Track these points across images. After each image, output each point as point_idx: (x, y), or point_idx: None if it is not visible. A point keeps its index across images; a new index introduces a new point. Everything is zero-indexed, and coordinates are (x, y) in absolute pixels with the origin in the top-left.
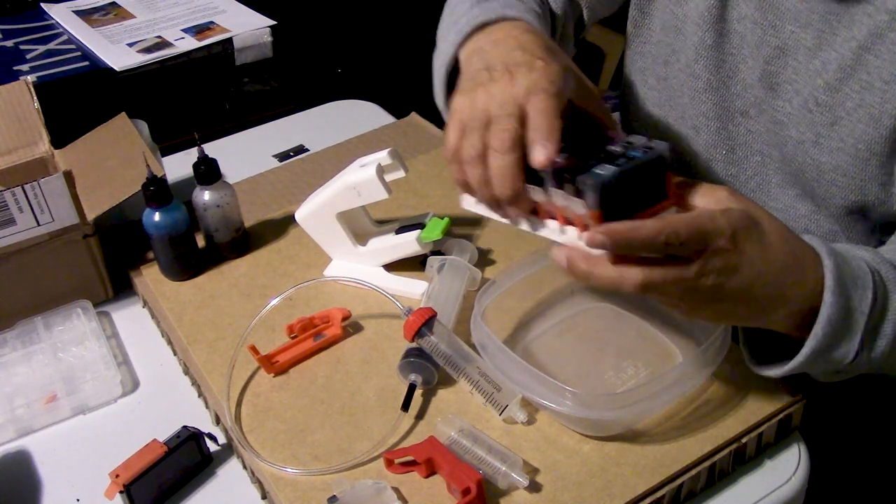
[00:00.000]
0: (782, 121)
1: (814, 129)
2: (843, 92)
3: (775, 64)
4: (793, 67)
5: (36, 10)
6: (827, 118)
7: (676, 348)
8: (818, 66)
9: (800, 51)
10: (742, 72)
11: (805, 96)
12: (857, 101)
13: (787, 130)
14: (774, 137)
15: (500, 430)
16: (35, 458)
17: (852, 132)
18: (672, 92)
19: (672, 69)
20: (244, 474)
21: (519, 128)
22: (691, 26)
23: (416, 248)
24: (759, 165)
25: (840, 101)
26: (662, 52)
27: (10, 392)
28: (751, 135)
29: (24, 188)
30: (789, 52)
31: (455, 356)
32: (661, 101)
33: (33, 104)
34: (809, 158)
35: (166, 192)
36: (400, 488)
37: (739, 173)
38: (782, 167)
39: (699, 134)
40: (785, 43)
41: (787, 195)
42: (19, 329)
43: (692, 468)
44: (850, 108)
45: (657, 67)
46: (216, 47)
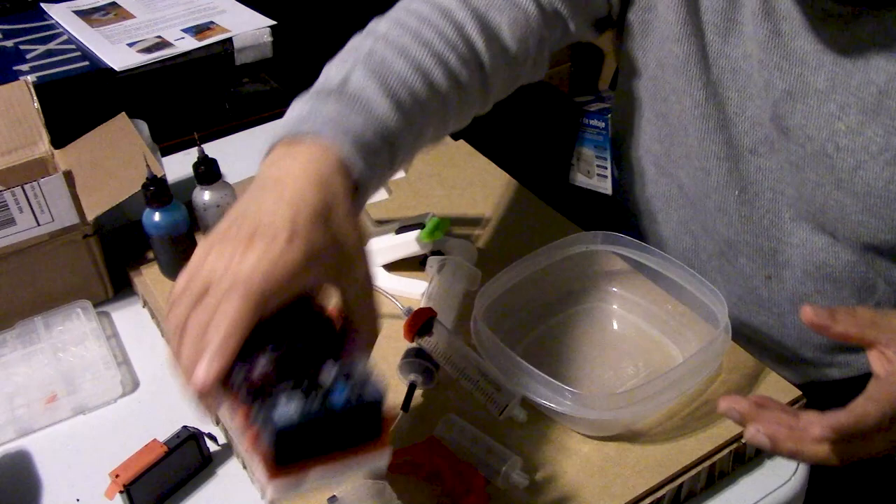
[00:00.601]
0: (798, 163)
1: (834, 173)
2: (866, 135)
3: (783, 108)
4: (802, 112)
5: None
6: (849, 163)
7: (676, 348)
8: (834, 109)
9: (810, 95)
10: (749, 109)
11: (822, 141)
12: (883, 144)
13: (803, 173)
14: (789, 177)
15: (500, 430)
16: (35, 458)
17: (880, 175)
18: (674, 129)
19: (673, 107)
20: (244, 474)
21: None
22: (694, 66)
23: (415, 248)
24: (770, 202)
25: (863, 144)
26: (661, 90)
27: (10, 392)
28: (761, 172)
29: (24, 188)
30: (798, 96)
31: (455, 356)
32: (661, 137)
33: (33, 104)
34: (832, 200)
35: (166, 192)
36: (400, 488)
37: (752, 213)
38: (797, 203)
39: (710, 175)
40: (793, 86)
41: (803, 229)
42: (19, 329)
43: (692, 468)
44: (875, 152)
45: (655, 104)
46: (216, 47)
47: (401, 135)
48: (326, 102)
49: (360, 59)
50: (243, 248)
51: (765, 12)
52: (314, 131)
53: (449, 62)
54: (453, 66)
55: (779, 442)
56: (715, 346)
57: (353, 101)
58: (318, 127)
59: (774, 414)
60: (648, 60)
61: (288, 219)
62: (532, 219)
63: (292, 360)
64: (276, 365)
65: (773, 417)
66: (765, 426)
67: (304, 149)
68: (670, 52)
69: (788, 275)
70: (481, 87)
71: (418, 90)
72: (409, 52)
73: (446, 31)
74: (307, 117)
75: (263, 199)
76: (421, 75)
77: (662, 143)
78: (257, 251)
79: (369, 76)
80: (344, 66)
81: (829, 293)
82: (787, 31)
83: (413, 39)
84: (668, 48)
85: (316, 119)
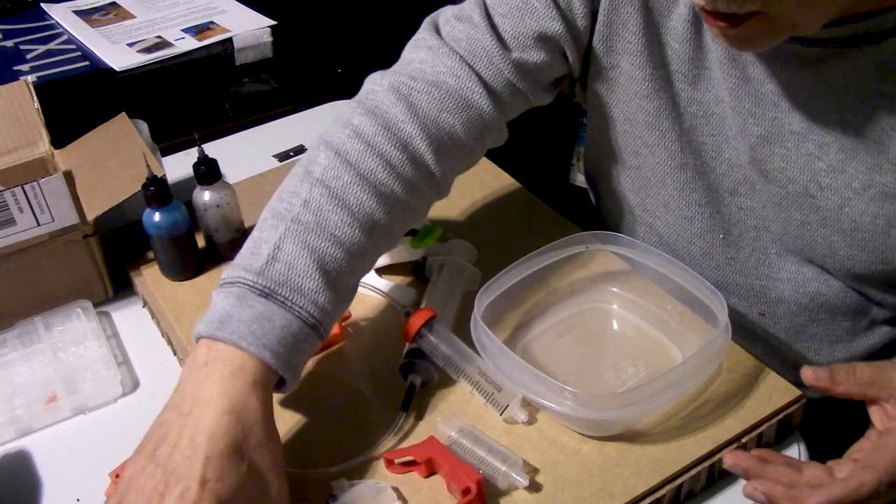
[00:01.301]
0: (781, 203)
1: (819, 212)
2: (848, 173)
3: (761, 152)
4: (780, 155)
5: (36, 10)
6: (833, 201)
7: (676, 348)
8: (813, 149)
9: (787, 137)
10: (726, 152)
11: (804, 182)
12: (866, 181)
13: (787, 213)
14: (773, 215)
15: (500, 430)
16: (35, 458)
17: (866, 211)
18: (649, 182)
19: (646, 160)
20: None
21: None
22: (665, 119)
23: (404, 254)
24: (755, 240)
25: (846, 182)
26: (631, 143)
27: (10, 392)
28: (742, 212)
29: (24, 188)
30: (774, 139)
31: (455, 356)
32: (636, 188)
33: (33, 104)
34: (819, 237)
35: (166, 192)
36: (400, 488)
37: (738, 254)
38: (782, 238)
39: (692, 223)
40: (768, 131)
41: (790, 263)
42: (19, 329)
43: (692, 468)
44: (859, 189)
45: (625, 157)
46: (216, 47)
47: (331, 309)
48: (251, 297)
49: (293, 217)
50: (158, 497)
51: (731, 58)
52: (236, 333)
53: (395, 193)
54: (399, 196)
55: (775, 500)
56: (715, 346)
57: (279, 289)
58: (239, 329)
59: (777, 469)
60: (616, 115)
61: (200, 464)
62: (532, 219)
63: None
64: None
65: (776, 473)
66: (762, 485)
67: (224, 354)
68: (639, 107)
69: (783, 310)
70: (434, 193)
71: (357, 241)
72: (348, 197)
73: (392, 155)
74: (232, 313)
75: (183, 432)
76: (360, 223)
77: (638, 195)
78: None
79: (299, 246)
80: (275, 233)
81: (824, 320)
82: (756, 77)
83: (353, 176)
84: (636, 104)
85: (240, 319)
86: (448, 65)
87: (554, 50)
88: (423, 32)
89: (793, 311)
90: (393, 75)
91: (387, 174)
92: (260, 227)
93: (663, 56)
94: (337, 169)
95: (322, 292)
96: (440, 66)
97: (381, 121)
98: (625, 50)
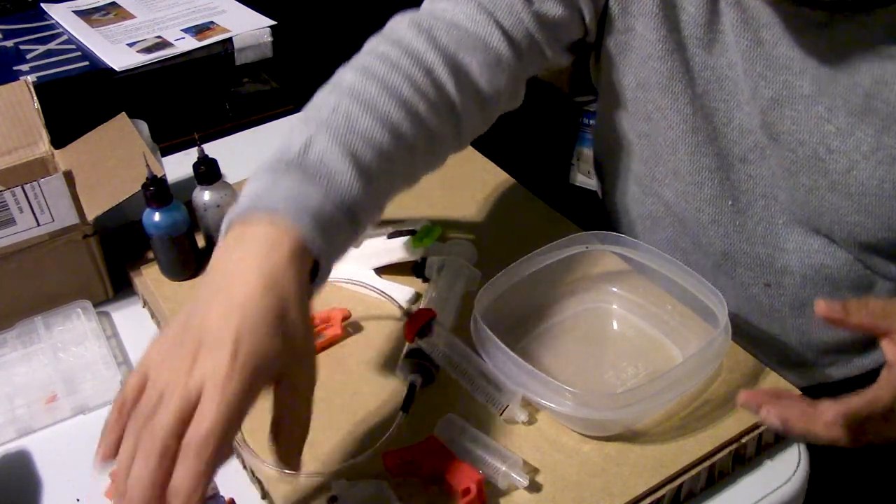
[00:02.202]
0: (790, 168)
1: (828, 176)
2: (857, 136)
3: (771, 115)
4: (791, 118)
5: (36, 10)
6: (842, 164)
7: (676, 348)
8: (822, 112)
9: (797, 100)
10: (737, 118)
11: (813, 145)
12: (874, 144)
13: (796, 178)
14: (782, 182)
15: (500, 430)
16: (35, 458)
17: (873, 174)
18: (659, 148)
19: (658, 125)
20: (244, 474)
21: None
22: (678, 81)
23: (404, 254)
24: (763, 209)
25: (854, 145)
26: (642, 109)
27: (10, 392)
28: (752, 180)
29: (24, 188)
30: (785, 102)
31: (455, 356)
32: (645, 157)
33: (33, 104)
34: (827, 203)
35: (166, 192)
36: (400, 488)
37: (746, 222)
38: (790, 207)
39: (702, 189)
40: (779, 94)
41: (797, 233)
42: (19, 329)
43: (692, 468)
44: (867, 152)
45: (636, 124)
46: (216, 47)
47: (364, 201)
48: (285, 175)
49: (322, 120)
50: (191, 363)
51: (744, 22)
52: (270, 208)
53: (419, 111)
54: (423, 115)
55: (790, 422)
56: (715, 346)
57: (312, 172)
58: (274, 204)
59: (790, 401)
60: (628, 81)
61: (232, 334)
62: (532, 219)
63: None
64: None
65: (788, 403)
66: (777, 409)
67: (258, 232)
68: (653, 69)
69: (788, 281)
70: (454, 131)
71: (385, 147)
72: (376, 105)
73: (416, 76)
74: (264, 194)
75: (213, 302)
76: (389, 130)
77: (647, 164)
78: (206, 365)
79: (331, 140)
80: (306, 130)
81: (829, 294)
82: (768, 40)
83: (380, 89)
84: (650, 66)
85: (273, 196)
86: (467, 11)
87: (572, 7)
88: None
89: (798, 283)
90: (413, 13)
91: (412, 92)
92: (286, 134)
93: (678, 19)
94: (364, 83)
95: (357, 185)
96: (459, 12)
97: (404, 49)
98: (640, 12)
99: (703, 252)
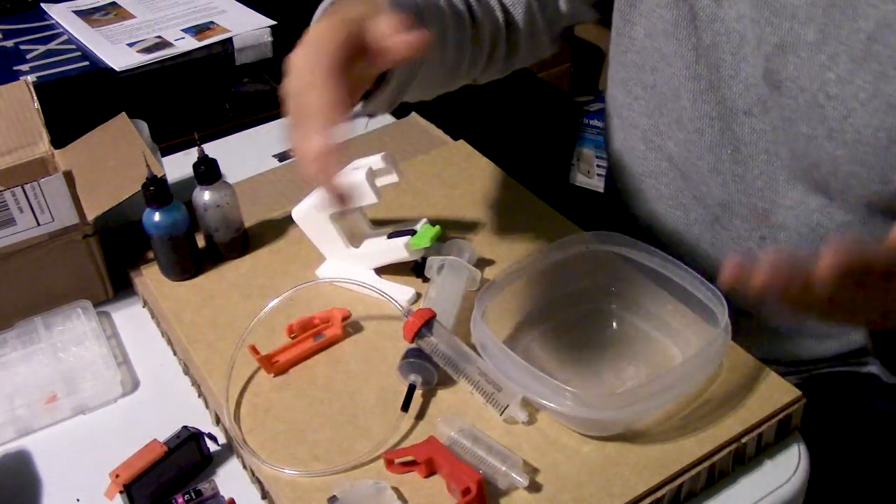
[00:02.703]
0: (790, 118)
1: (826, 123)
2: (855, 83)
3: (775, 62)
4: (794, 64)
5: (36, 10)
6: (839, 111)
7: (676, 348)
8: (825, 60)
9: (801, 47)
10: (744, 70)
11: (813, 91)
12: (872, 91)
13: (796, 127)
14: (783, 135)
15: (500, 430)
16: (35, 458)
17: (869, 122)
18: (664, 98)
19: (663, 73)
20: (244, 474)
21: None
22: (684, 30)
23: (404, 254)
24: (765, 164)
25: (853, 92)
26: (649, 59)
27: (10, 392)
28: (755, 134)
29: (24, 188)
30: (789, 49)
31: (455, 356)
32: (649, 110)
33: (33, 104)
34: (824, 153)
35: (166, 192)
36: (400, 488)
37: (745, 173)
38: (791, 164)
39: (703, 136)
40: (784, 40)
41: (797, 190)
42: (19, 329)
43: (692, 468)
44: (864, 99)
45: (643, 76)
46: (216, 47)
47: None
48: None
49: None
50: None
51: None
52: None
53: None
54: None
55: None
56: (715, 346)
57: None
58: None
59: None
60: (637, 33)
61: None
62: (532, 219)
63: None
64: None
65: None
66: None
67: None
68: (660, 17)
69: (783, 237)
70: (504, 37)
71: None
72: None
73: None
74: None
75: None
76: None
77: (651, 117)
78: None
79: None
80: None
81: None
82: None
83: None
84: (657, 14)
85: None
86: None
87: None
88: None
89: (793, 241)
90: None
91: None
92: None
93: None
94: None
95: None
96: None
97: None
98: None
99: (703, 204)
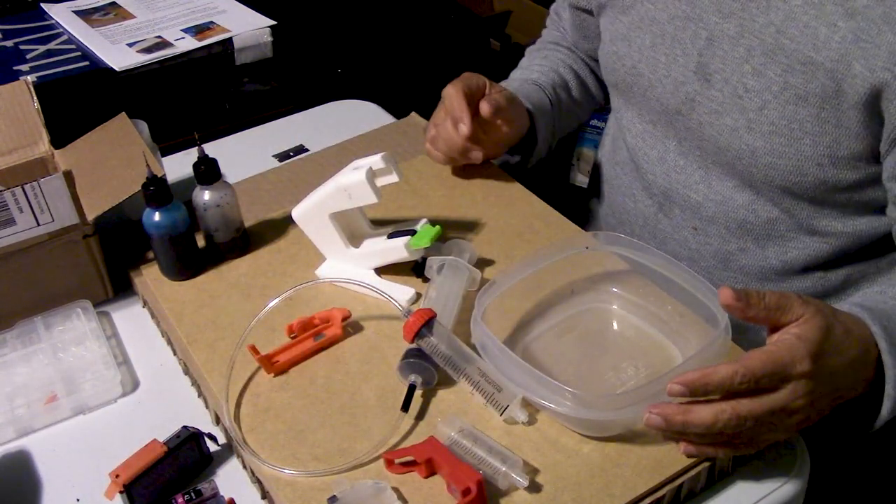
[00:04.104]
0: (717, 110)
1: (745, 114)
2: (768, 76)
3: (706, 55)
4: (720, 56)
5: (36, 10)
6: (756, 102)
7: (676, 348)
8: (743, 52)
9: (724, 40)
10: (675, 70)
11: (734, 84)
12: (782, 83)
13: (721, 119)
14: (710, 128)
15: (501, 431)
16: (35, 458)
17: (783, 114)
18: (626, 89)
19: (618, 74)
20: (244, 474)
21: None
22: (635, 31)
23: (403, 254)
24: (700, 159)
25: (766, 84)
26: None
27: (10, 392)
28: (689, 131)
29: (24, 188)
30: (716, 41)
31: (455, 357)
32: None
33: (33, 104)
34: (744, 144)
35: (166, 192)
36: (400, 488)
37: (687, 165)
38: (720, 157)
39: (656, 127)
40: (712, 33)
41: (726, 186)
42: (19, 329)
43: (692, 468)
44: (777, 91)
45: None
46: (216, 47)
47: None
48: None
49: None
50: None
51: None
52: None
53: (579, 74)
54: (582, 77)
55: (670, 417)
56: (715, 346)
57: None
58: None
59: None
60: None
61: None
62: (532, 219)
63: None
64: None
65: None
66: (661, 409)
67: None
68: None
69: (713, 231)
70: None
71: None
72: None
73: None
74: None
75: None
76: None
77: (616, 114)
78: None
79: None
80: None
81: (752, 252)
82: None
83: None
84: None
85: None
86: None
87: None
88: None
89: (722, 235)
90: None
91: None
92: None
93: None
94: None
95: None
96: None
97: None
98: None
99: (650, 193)
